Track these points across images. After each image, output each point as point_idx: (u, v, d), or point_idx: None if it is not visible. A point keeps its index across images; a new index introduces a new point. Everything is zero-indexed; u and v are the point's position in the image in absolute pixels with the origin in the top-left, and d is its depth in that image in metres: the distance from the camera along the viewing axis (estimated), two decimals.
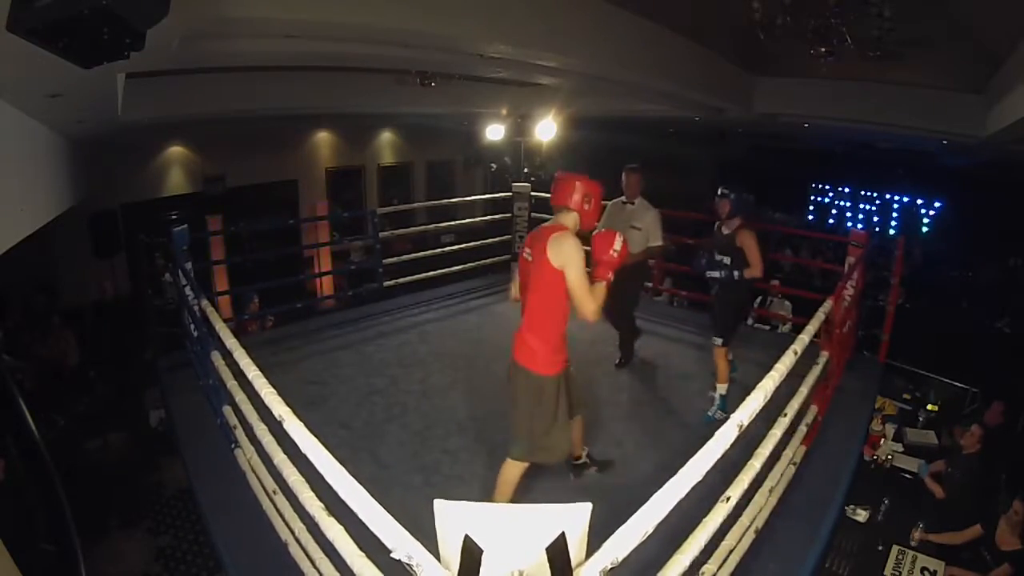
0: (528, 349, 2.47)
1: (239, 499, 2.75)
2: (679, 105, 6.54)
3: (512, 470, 2.53)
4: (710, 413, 3.78)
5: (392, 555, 1.24)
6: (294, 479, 1.82)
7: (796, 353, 2.22)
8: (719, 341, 3.73)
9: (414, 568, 1.20)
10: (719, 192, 3.68)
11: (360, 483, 1.42)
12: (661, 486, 1.43)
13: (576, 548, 1.17)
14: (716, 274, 3.59)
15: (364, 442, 3.50)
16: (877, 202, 12.85)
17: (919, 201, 12.19)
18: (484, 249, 6.58)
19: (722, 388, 3.77)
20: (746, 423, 1.71)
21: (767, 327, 6.41)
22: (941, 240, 11.37)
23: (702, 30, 5.01)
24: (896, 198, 12.49)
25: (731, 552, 2.21)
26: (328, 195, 9.87)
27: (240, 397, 2.40)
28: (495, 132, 6.86)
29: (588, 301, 2.35)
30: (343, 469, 1.47)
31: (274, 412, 1.76)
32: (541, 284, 2.40)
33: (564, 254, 2.33)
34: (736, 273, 3.53)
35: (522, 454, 2.51)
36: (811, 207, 13.86)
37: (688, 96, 5.86)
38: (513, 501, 2.50)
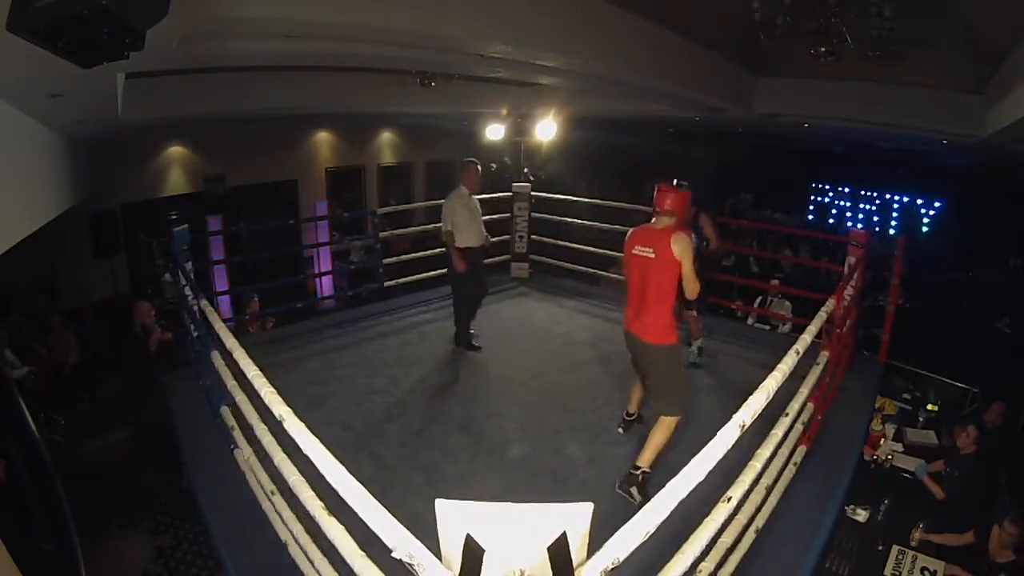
0: (645, 327, 3.03)
1: (239, 499, 2.75)
2: (679, 105, 6.55)
3: (670, 426, 3.02)
4: (695, 361, 4.51)
5: (393, 555, 1.24)
6: (294, 479, 1.82)
7: (798, 353, 2.21)
8: (694, 310, 4.44)
9: (415, 568, 1.20)
10: (677, 183, 4.32)
11: (360, 483, 1.42)
12: (662, 486, 1.43)
13: (578, 548, 1.17)
14: None
15: (364, 442, 3.50)
16: (877, 202, 12.84)
17: (919, 201, 12.18)
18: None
19: (699, 343, 4.56)
20: (748, 423, 1.70)
21: (767, 327, 6.40)
22: (941, 240, 11.37)
23: (702, 30, 5.01)
24: (896, 198, 12.48)
25: (731, 551, 2.21)
26: (328, 195, 9.87)
27: (240, 397, 2.39)
28: (495, 132, 6.86)
29: (695, 284, 2.94)
30: (343, 469, 1.47)
31: (274, 412, 1.76)
32: (664, 274, 2.91)
33: (683, 249, 2.88)
34: (705, 243, 4.29)
35: (677, 409, 3.05)
36: (811, 207, 13.85)
37: (688, 96, 5.86)
38: None
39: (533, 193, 6.40)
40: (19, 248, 2.71)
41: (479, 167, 4.69)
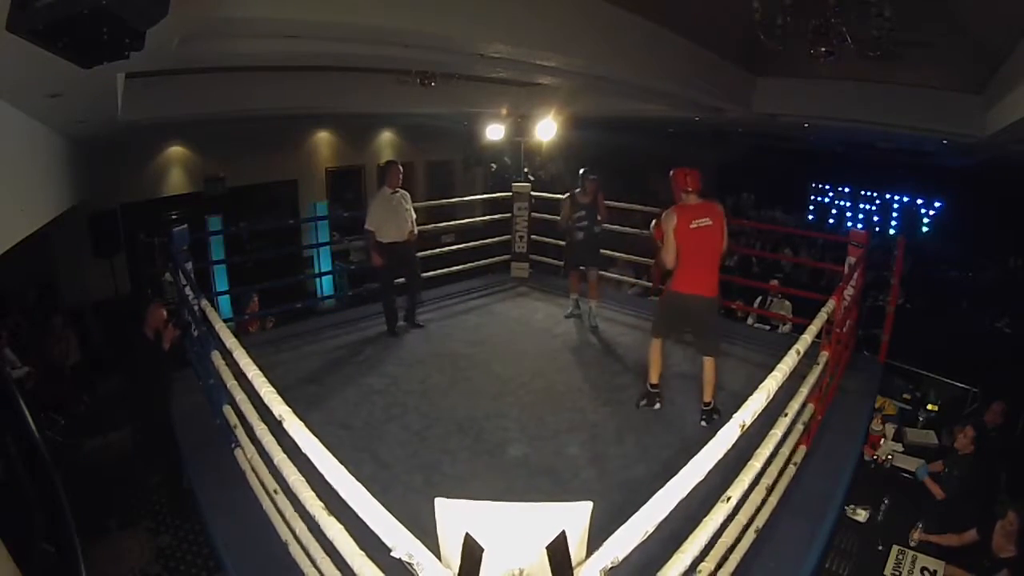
0: (712, 285, 3.57)
1: (239, 499, 2.75)
2: (679, 105, 6.55)
3: (714, 363, 3.66)
4: (594, 324, 5.22)
5: (392, 554, 1.24)
6: (294, 479, 1.81)
7: (799, 353, 2.21)
8: (597, 273, 5.22)
9: (415, 567, 1.20)
10: (585, 173, 5.00)
11: (360, 483, 1.42)
12: (662, 485, 1.43)
13: (576, 547, 1.17)
14: (586, 223, 5.01)
15: (364, 442, 3.50)
16: (877, 202, 12.85)
17: (919, 201, 12.19)
18: (484, 249, 6.57)
19: (595, 303, 5.24)
20: (748, 423, 1.70)
21: (767, 327, 6.40)
22: (941, 240, 11.37)
23: (702, 30, 5.01)
24: (896, 198, 12.49)
25: (731, 551, 2.20)
26: (328, 195, 9.87)
27: (240, 397, 2.39)
28: (495, 132, 6.86)
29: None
30: (343, 468, 1.47)
31: (274, 412, 1.76)
32: (720, 239, 3.51)
33: (725, 217, 3.54)
34: (601, 223, 5.06)
35: (720, 350, 3.80)
36: (811, 207, 13.87)
37: (688, 96, 5.87)
38: None
39: (533, 193, 6.39)
40: (19, 248, 2.71)
41: (400, 166, 5.00)
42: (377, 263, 4.83)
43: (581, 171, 5.07)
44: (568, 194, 5.11)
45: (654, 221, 3.73)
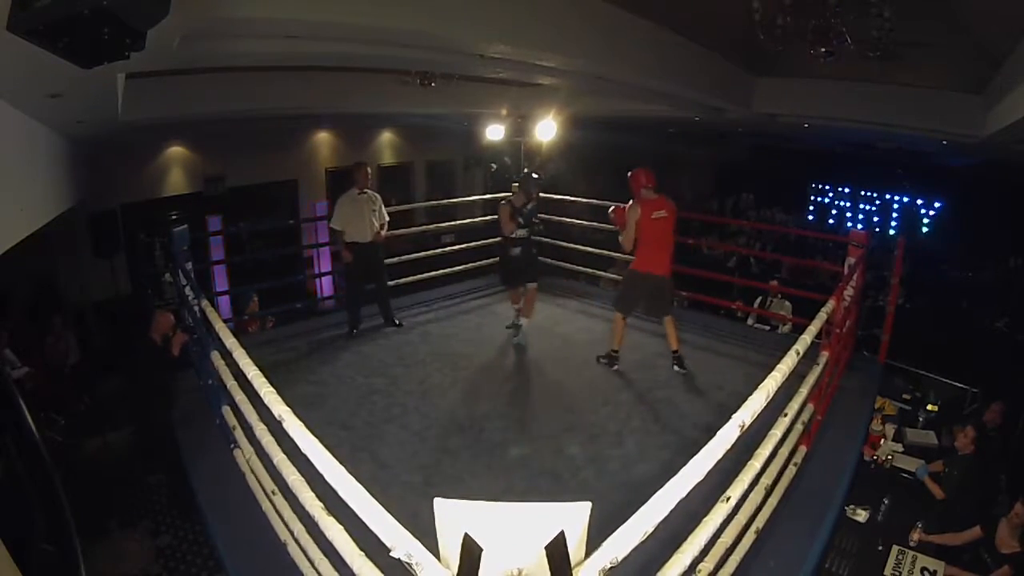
0: (667, 266, 4.30)
1: (239, 499, 2.75)
2: (679, 105, 6.54)
3: (672, 321, 4.38)
4: (517, 340, 4.93)
5: (392, 554, 1.24)
6: (294, 479, 1.81)
7: (798, 353, 2.21)
8: (535, 284, 4.91)
9: (414, 567, 1.20)
10: (528, 176, 4.79)
11: (360, 483, 1.41)
12: (661, 485, 1.43)
13: (575, 547, 1.16)
14: (525, 235, 4.77)
15: (364, 442, 3.50)
16: (877, 202, 12.85)
17: (919, 201, 12.18)
18: (484, 249, 6.57)
19: (527, 321, 4.95)
20: (748, 423, 1.70)
21: (767, 327, 6.40)
22: (941, 240, 11.37)
23: (702, 30, 5.01)
24: (896, 198, 12.49)
25: (731, 552, 2.20)
26: (328, 195, 9.86)
27: (240, 397, 2.39)
28: (495, 132, 6.85)
29: None
30: (343, 469, 1.47)
31: (273, 412, 1.76)
32: (672, 229, 4.27)
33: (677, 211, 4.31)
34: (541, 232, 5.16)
35: (672, 311, 4.43)
36: (811, 207, 13.86)
37: (688, 96, 5.86)
38: None
39: None
40: (19, 248, 2.71)
41: (368, 168, 5.02)
42: (347, 259, 4.94)
43: (523, 172, 4.85)
44: (505, 201, 4.69)
45: (612, 207, 4.35)
